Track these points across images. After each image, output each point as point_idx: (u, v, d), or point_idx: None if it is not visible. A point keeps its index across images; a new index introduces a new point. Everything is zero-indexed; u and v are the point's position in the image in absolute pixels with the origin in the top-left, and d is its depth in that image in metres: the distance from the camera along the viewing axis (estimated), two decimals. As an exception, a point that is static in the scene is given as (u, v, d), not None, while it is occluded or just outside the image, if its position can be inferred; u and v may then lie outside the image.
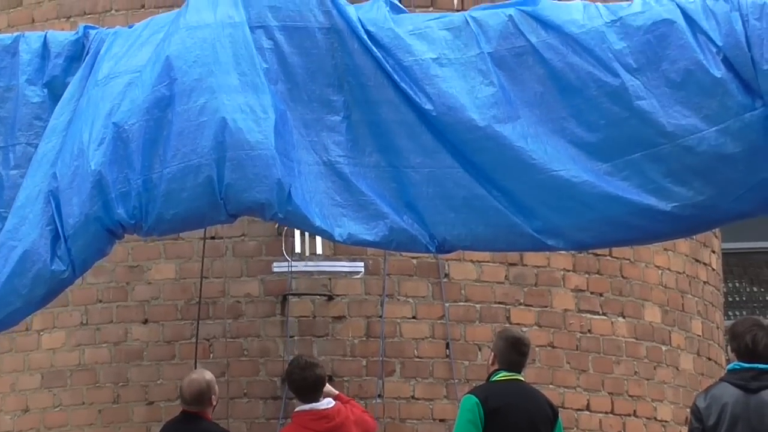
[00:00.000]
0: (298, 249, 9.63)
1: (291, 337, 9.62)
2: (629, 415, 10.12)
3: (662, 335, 10.34)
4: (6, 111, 8.35)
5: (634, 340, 10.18)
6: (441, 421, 9.49)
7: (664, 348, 10.35)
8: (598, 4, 8.17)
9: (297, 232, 9.44)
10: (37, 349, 9.96)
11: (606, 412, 9.96)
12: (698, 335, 10.66)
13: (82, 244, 7.97)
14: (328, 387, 8.97)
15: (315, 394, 8.50)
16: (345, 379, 9.57)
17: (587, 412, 9.97)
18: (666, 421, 10.21)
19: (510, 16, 7.85)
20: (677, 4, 7.81)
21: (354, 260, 9.58)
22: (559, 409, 8.66)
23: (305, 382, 8.52)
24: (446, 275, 9.79)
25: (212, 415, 8.66)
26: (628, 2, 8.17)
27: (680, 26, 7.74)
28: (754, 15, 7.58)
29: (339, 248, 9.32)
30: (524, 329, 9.60)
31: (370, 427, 9.00)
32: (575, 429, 9.84)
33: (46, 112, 8.27)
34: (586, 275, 10.11)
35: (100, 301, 9.83)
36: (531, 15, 7.92)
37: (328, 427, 8.61)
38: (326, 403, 8.54)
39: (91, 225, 7.86)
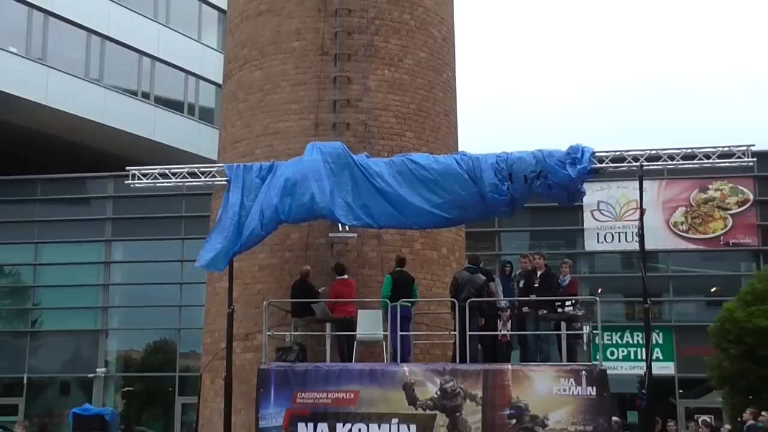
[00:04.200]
0: (339, 228, 18.31)
1: (333, 257, 19.07)
2: (438, 281, 19.24)
3: (447, 259, 19.87)
4: (249, 185, 17.95)
5: (439, 259, 19.63)
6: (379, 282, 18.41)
7: (435, 264, 19.35)
8: (439, 156, 17.86)
9: (340, 224, 17.97)
10: (256, 260, 19.43)
11: (432, 280, 19.01)
12: (450, 259, 19.92)
13: (271, 227, 18.08)
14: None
15: (343, 273, 18.63)
16: (350, 271, 18.71)
17: (425, 280, 19.10)
18: (446, 282, 18.52)
19: (402, 160, 18.00)
20: (453, 158, 17.99)
21: (354, 232, 18.71)
22: (414, 278, 18.33)
23: (341, 270, 18.72)
24: (381, 237, 19.02)
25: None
26: (446, 155, 18.11)
27: (453, 163, 17.84)
28: (473, 159, 17.67)
29: (351, 229, 18.12)
30: (407, 256, 18.78)
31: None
32: (420, 287, 18.44)
33: (260, 188, 18.17)
34: (423, 239, 19.46)
35: (276, 245, 19.23)
36: (410, 159, 18.14)
37: (346, 284, 18.42)
38: (345, 277, 18.68)
39: (272, 222, 18.01)
